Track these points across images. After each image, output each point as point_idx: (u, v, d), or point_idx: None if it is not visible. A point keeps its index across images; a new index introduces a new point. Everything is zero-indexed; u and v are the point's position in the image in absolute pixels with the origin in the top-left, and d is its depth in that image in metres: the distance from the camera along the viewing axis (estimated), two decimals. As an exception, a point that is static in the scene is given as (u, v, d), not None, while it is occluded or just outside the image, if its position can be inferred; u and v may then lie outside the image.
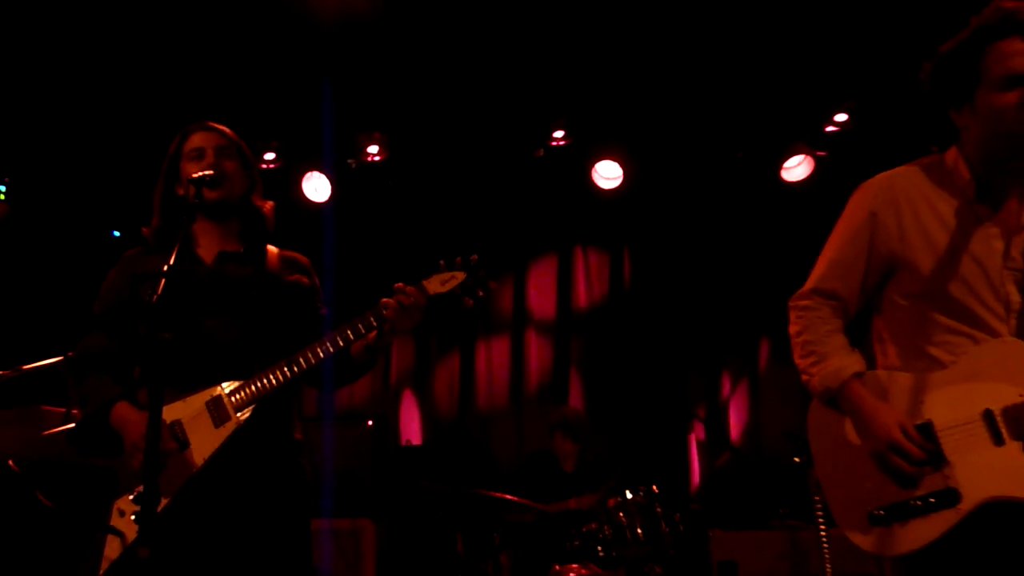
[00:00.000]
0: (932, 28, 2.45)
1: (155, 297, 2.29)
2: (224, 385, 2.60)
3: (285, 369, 2.58)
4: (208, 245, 2.79)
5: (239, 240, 2.83)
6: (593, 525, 4.91)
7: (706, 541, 5.48)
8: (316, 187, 6.70)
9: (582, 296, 7.27)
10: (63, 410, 3.60)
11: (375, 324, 2.59)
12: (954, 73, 2.31)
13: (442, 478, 5.31)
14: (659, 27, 5.74)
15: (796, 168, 6.59)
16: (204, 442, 2.57)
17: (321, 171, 6.66)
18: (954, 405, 2.23)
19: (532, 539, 5.31)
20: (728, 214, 7.00)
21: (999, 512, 2.15)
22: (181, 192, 2.77)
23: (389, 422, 6.85)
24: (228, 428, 2.57)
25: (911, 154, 2.49)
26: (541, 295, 7.29)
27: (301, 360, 2.59)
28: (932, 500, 2.18)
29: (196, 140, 2.78)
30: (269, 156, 6.63)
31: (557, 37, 5.83)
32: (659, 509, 4.85)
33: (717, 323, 7.01)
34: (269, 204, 2.89)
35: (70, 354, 2.78)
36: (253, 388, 2.59)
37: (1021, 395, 2.18)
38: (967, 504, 2.16)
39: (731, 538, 5.48)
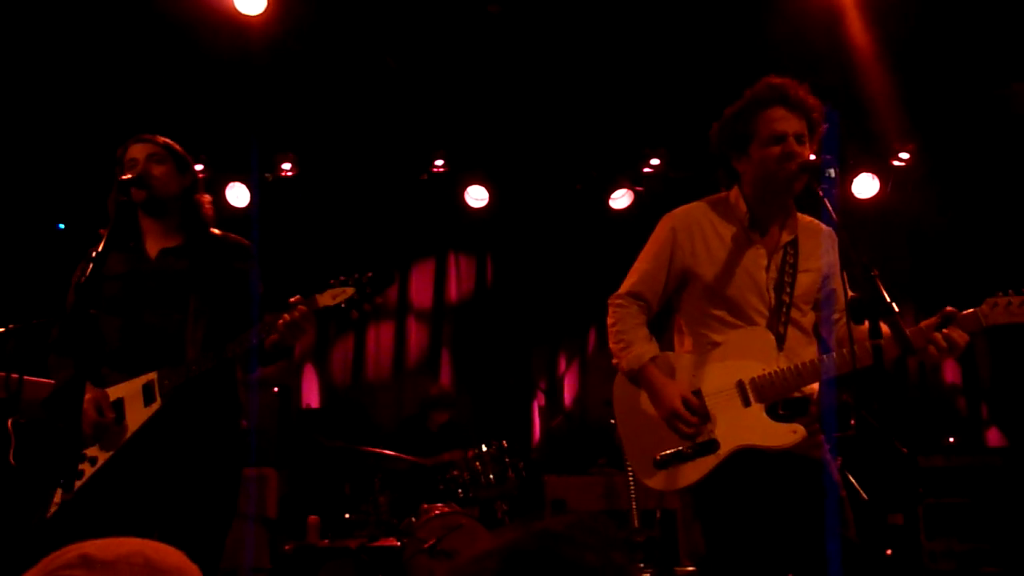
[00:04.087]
0: (725, 95, 2.50)
1: (83, 279, 2.19)
2: (159, 371, 2.48)
3: (206, 360, 2.47)
4: (153, 241, 2.63)
5: (179, 232, 2.67)
6: (455, 472, 4.93)
7: (542, 484, 5.57)
8: (237, 195, 6.46)
9: (453, 291, 7.27)
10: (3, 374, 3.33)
11: (273, 332, 2.45)
12: (735, 131, 2.39)
13: (334, 435, 5.21)
14: (520, 87, 5.83)
15: (620, 199, 6.77)
16: (135, 418, 2.47)
17: (242, 182, 6.44)
18: (717, 376, 2.34)
19: (405, 484, 5.29)
20: (568, 231, 7.12)
21: (746, 456, 2.28)
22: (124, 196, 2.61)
23: (292, 389, 6.67)
24: (152, 408, 2.46)
25: (705, 191, 2.57)
26: (420, 289, 7.23)
27: (219, 353, 2.48)
28: (699, 448, 2.28)
29: (131, 152, 2.63)
30: (198, 167, 6.34)
31: (440, 89, 5.85)
32: (507, 459, 4.90)
33: (557, 315, 7.12)
34: (207, 198, 2.73)
35: (10, 326, 2.63)
36: (179, 375, 2.47)
37: (764, 370, 2.30)
38: (724, 451, 2.27)
39: (562, 482, 5.57)
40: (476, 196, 6.71)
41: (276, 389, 5.63)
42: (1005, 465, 5.49)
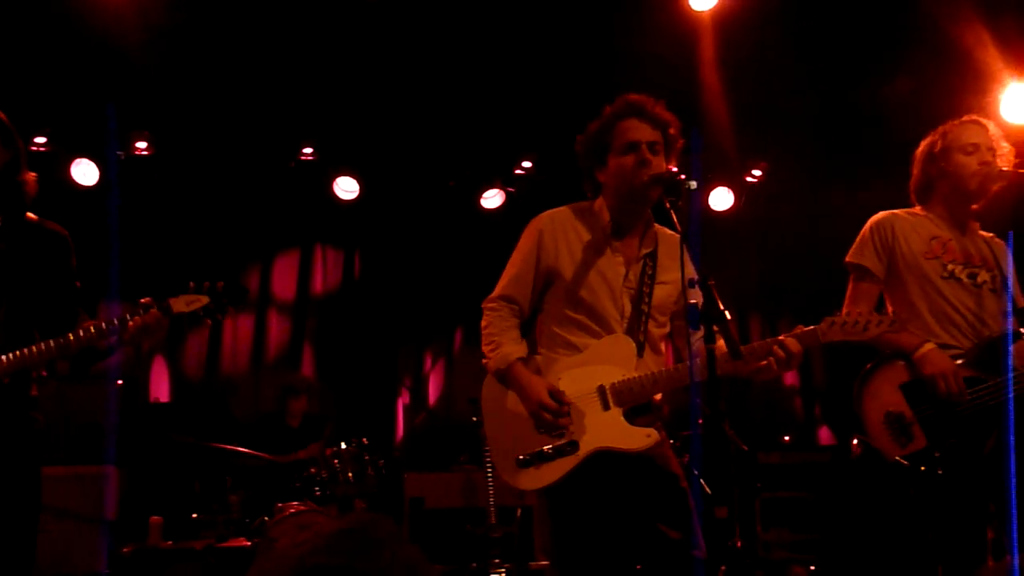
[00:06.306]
0: (596, 106, 2.58)
1: None
2: None
3: (37, 349, 2.28)
4: None
5: None
6: (312, 470, 4.80)
7: (402, 482, 5.52)
8: (84, 172, 5.99)
9: (319, 284, 7.06)
10: None
11: (118, 330, 2.31)
12: (595, 145, 2.49)
13: (185, 431, 4.95)
14: (396, 80, 5.73)
15: (492, 199, 6.82)
16: None
17: (90, 158, 5.97)
18: (579, 380, 2.41)
19: (260, 482, 5.10)
20: (439, 229, 7.08)
21: (603, 457, 2.35)
22: None
23: (138, 382, 6.27)
24: None
25: (575, 196, 2.64)
26: (283, 281, 6.98)
27: (51, 344, 2.29)
28: (559, 449, 2.35)
29: None
30: (40, 140, 5.85)
31: (312, 76, 5.66)
32: (367, 456, 4.81)
33: (424, 312, 7.07)
34: (31, 176, 2.47)
35: None
36: (7, 360, 2.26)
37: (624, 375, 2.39)
38: (582, 452, 2.34)
39: (422, 479, 5.56)
40: (346, 188, 6.56)
41: (120, 382, 5.27)
42: (833, 461, 5.99)
